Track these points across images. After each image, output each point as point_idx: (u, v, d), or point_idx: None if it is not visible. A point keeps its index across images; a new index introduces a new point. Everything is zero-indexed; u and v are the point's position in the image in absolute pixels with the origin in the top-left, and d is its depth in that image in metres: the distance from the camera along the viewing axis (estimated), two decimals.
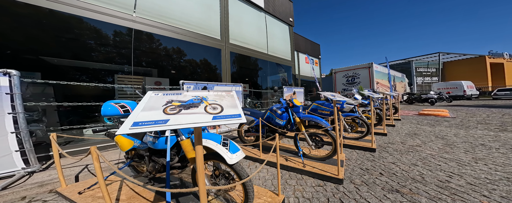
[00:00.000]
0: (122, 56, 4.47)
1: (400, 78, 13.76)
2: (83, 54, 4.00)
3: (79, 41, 3.61)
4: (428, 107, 9.20)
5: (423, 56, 21.97)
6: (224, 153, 0.96)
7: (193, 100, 0.71)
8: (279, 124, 2.26)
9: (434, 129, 3.91)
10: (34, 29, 3.05)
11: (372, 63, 9.81)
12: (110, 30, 3.80)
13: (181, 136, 1.08)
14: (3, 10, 2.61)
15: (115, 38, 3.95)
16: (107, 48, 4.18)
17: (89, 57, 4.14)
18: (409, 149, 2.56)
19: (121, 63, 4.60)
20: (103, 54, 4.29)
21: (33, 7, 2.50)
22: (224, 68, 5.50)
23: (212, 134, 1.13)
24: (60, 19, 3.00)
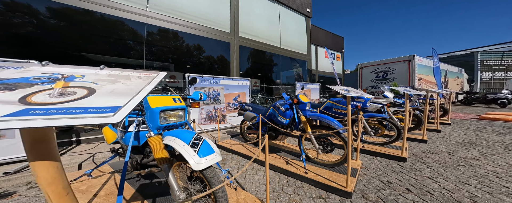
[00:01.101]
0: (135, 51, 4.78)
1: (455, 73, 11.04)
2: (99, 49, 4.47)
3: (96, 36, 4.02)
4: (496, 110, 7.04)
5: (494, 46, 17.00)
6: (190, 157, 0.78)
7: (28, 79, 0.43)
8: (282, 122, 2.07)
9: (503, 138, 2.92)
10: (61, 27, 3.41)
11: (414, 56, 8.17)
12: (124, 26, 3.91)
13: (149, 131, 0.97)
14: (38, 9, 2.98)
15: (129, 33, 4.09)
16: (122, 42, 4.44)
17: (105, 51, 4.59)
18: (459, 162, 1.96)
19: (135, 58, 4.88)
20: (119, 49, 4.71)
21: None
22: (233, 62, 5.54)
23: (184, 131, 0.95)
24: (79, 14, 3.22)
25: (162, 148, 0.95)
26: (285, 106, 2.05)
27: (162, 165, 0.94)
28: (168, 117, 1.00)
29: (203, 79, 3.27)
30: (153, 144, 0.95)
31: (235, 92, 4.05)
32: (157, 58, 5.93)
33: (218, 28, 5.26)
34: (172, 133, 0.93)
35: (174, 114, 1.02)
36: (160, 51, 5.65)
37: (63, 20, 3.31)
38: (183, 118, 1.08)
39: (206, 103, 3.32)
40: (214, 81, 3.51)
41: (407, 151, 2.26)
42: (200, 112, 3.22)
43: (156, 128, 0.99)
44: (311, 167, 1.85)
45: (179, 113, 1.05)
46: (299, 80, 9.34)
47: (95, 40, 3.97)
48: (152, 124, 0.98)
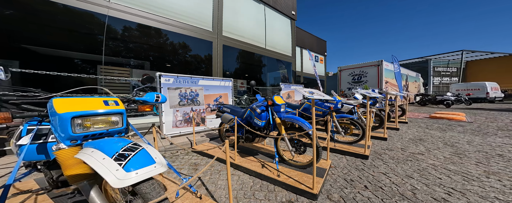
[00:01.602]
0: (108, 47, 4.34)
1: (414, 78, 12.85)
2: (62, 43, 3.94)
3: (59, 29, 3.55)
4: (443, 109, 8.48)
5: (443, 55, 20.37)
6: (108, 172, 0.63)
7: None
8: (258, 125, 2.07)
9: (444, 134, 3.51)
10: (13, 15, 3.00)
11: (382, 61, 9.19)
12: (87, 18, 3.53)
13: (58, 143, 0.79)
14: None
15: (91, 26, 3.73)
16: (88, 37, 4.03)
17: (68, 46, 4.07)
18: (408, 157, 2.27)
19: (107, 54, 4.41)
20: (85, 43, 4.19)
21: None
22: (216, 62, 5.36)
23: (112, 140, 0.80)
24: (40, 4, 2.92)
25: (77, 162, 0.78)
26: (261, 108, 2.06)
27: (77, 183, 0.78)
28: (90, 124, 0.81)
29: (179, 79, 3.06)
30: (62, 159, 0.77)
31: (216, 93, 3.91)
32: (134, 55, 5.35)
33: (200, 26, 5.01)
34: (94, 144, 0.77)
35: (102, 120, 0.85)
36: (136, 48, 5.11)
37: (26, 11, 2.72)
38: (120, 124, 0.91)
39: (182, 104, 3.12)
40: (192, 82, 3.32)
41: (369, 149, 2.52)
42: (175, 114, 3.01)
43: (69, 138, 0.78)
44: (285, 169, 1.90)
45: (111, 119, 0.87)
46: (284, 82, 9.61)
47: (50, 32, 3.38)
48: (63, 133, 0.77)
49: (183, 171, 1.99)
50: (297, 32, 12.49)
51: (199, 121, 3.57)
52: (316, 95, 1.50)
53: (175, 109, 3.00)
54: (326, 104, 2.95)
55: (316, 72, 8.34)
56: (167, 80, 2.85)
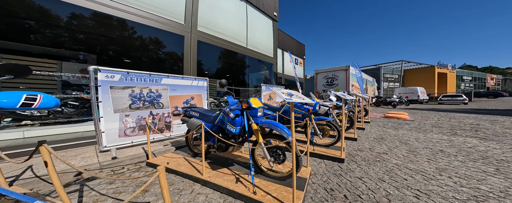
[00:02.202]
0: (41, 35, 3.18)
1: (371, 82, 15.19)
2: None
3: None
4: (391, 110, 10.29)
5: (390, 63, 25.09)
6: None
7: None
8: (231, 132, 1.73)
9: (397, 132, 4.07)
10: None
11: (349, 66, 10.34)
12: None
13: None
14: None
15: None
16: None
17: None
18: (376, 158, 2.41)
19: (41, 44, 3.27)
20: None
21: None
22: (188, 59, 4.66)
23: None
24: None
25: None
26: (235, 112, 1.73)
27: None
28: None
29: (130, 77, 2.35)
30: None
31: (187, 94, 3.32)
32: (83, 48, 4.01)
33: (169, 17, 4.21)
34: None
35: None
36: (86, 40, 3.85)
37: None
38: None
39: (135, 107, 2.42)
40: (151, 80, 2.65)
41: (344, 151, 2.58)
42: (123, 119, 2.29)
43: None
44: (264, 182, 1.64)
45: None
46: (266, 83, 9.54)
47: None
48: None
49: (123, 196, 1.44)
50: (279, 34, 12.72)
51: (163, 127, 2.93)
52: (295, 97, 1.29)
53: (123, 113, 2.29)
54: (305, 106, 2.88)
55: (297, 74, 8.63)
56: (110, 77, 2.11)
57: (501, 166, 2.05)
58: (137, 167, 1.99)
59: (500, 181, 1.71)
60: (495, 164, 2.11)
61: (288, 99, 1.16)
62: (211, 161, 2.14)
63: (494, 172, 1.90)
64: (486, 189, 1.56)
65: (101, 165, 1.84)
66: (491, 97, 22.97)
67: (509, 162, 2.16)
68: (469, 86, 32.11)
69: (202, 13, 5.10)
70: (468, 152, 2.56)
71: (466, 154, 2.48)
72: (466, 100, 13.86)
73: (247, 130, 1.69)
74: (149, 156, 2.03)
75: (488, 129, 4.19)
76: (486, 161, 2.21)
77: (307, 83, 18.23)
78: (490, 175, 1.84)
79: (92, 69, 1.90)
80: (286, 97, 1.17)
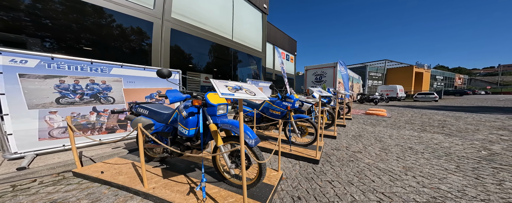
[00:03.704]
0: None
1: (357, 80, 15.99)
2: None
3: None
4: (373, 106, 11.02)
5: (375, 62, 26.78)
6: None
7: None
8: (183, 134, 1.47)
9: (374, 129, 4.27)
10: None
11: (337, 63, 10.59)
12: None
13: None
14: None
15: None
16: None
17: None
18: (350, 158, 2.41)
19: None
20: None
21: None
22: (157, 49, 4.10)
23: None
24: None
25: None
26: (188, 110, 1.46)
27: None
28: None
29: (57, 63, 1.85)
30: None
31: (151, 87, 2.89)
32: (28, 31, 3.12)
33: (135, 0, 3.54)
34: None
35: None
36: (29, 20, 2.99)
37: None
38: None
39: (66, 102, 1.96)
40: (95, 69, 2.17)
41: (321, 151, 2.53)
42: (46, 117, 1.83)
43: None
44: (224, 192, 1.45)
45: None
46: (256, 78, 9.23)
47: None
48: None
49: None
50: (270, 29, 12.30)
51: (115, 126, 2.51)
52: (241, 93, 1.04)
53: (45, 109, 1.83)
54: (284, 103, 2.73)
55: (284, 70, 8.50)
56: (20, 62, 1.61)
57: (461, 163, 2.20)
58: (57, 179, 1.62)
59: (459, 179, 1.80)
60: (456, 161, 2.26)
61: (226, 96, 0.93)
62: (168, 166, 1.87)
63: (454, 169, 2.02)
64: (445, 189, 1.61)
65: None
66: (458, 95, 26.55)
67: (468, 159, 2.34)
68: (441, 85, 36.39)
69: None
70: (433, 149, 2.74)
71: (431, 151, 2.64)
72: (436, 98, 15.61)
73: (202, 131, 1.45)
74: (77, 164, 1.66)
75: (452, 125, 4.65)
76: (449, 158, 2.37)
77: (297, 80, 18.47)
78: (451, 172, 1.94)
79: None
80: (223, 92, 0.94)
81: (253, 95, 1.08)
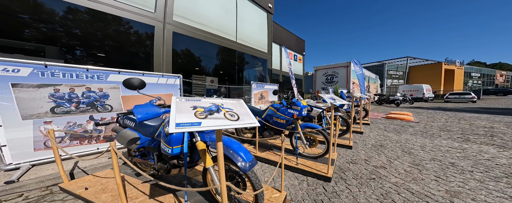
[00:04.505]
0: None
1: (373, 79, 14.81)
2: None
3: None
4: (394, 109, 9.95)
5: (394, 60, 24.71)
6: None
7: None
8: (167, 152, 1.29)
9: (400, 137, 3.68)
10: None
11: (350, 62, 9.90)
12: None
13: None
14: None
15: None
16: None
17: None
18: (371, 174, 2.01)
19: None
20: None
21: None
22: (159, 53, 4.16)
23: None
24: None
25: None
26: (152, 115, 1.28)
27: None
28: None
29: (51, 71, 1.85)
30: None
31: (152, 93, 2.86)
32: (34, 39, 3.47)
33: (136, 4, 3.68)
34: None
35: None
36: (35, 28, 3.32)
37: None
38: None
39: (61, 111, 1.95)
40: (91, 76, 2.17)
41: (334, 166, 2.17)
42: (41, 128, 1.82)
43: None
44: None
45: None
46: (262, 81, 9.06)
47: None
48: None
49: None
50: (276, 29, 12.16)
51: (113, 135, 2.47)
52: (214, 120, 0.75)
53: (40, 119, 1.82)
54: (289, 111, 2.43)
55: (292, 72, 8.18)
56: (13, 71, 1.63)
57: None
58: (44, 193, 1.55)
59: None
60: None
61: (184, 128, 0.69)
62: (158, 182, 1.70)
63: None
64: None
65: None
66: (501, 95, 22.82)
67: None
68: (477, 84, 32.01)
69: (178, 0, 4.55)
70: (486, 167, 2.17)
71: (484, 170, 2.08)
72: (474, 98, 13.59)
73: (185, 151, 1.25)
74: (63, 178, 1.58)
75: (505, 134, 3.80)
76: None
77: (306, 81, 17.81)
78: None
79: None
80: (179, 123, 0.69)
81: (234, 121, 0.80)
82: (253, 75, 9.49)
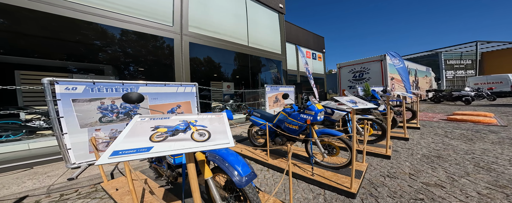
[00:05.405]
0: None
1: (424, 72, 12.07)
2: None
3: None
4: (462, 107, 7.59)
5: (455, 47, 19.59)
6: None
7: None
8: (170, 162, 1.37)
9: (472, 146, 2.71)
10: None
11: (386, 55, 8.50)
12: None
13: None
14: None
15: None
16: None
17: None
18: (418, 194, 1.52)
19: None
20: None
21: None
22: (179, 63, 4.75)
23: None
24: None
25: None
26: None
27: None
28: None
29: (98, 87, 2.39)
30: None
31: (171, 102, 3.27)
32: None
33: (155, 20, 4.46)
34: None
35: None
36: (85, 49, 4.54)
37: None
38: None
39: (106, 120, 2.46)
40: (125, 89, 2.68)
41: (360, 179, 1.78)
42: (93, 134, 2.33)
43: None
44: None
45: None
46: (278, 83, 8.97)
47: None
48: None
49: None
50: (291, 29, 12.04)
51: None
52: (173, 143, 0.80)
53: (92, 127, 2.34)
54: (302, 116, 2.20)
55: (309, 71, 7.71)
56: (71, 89, 2.20)
57: None
58: (91, 191, 1.91)
59: None
60: None
61: (115, 158, 0.67)
62: (172, 187, 1.83)
63: None
64: None
65: (49, 190, 1.83)
66: None
67: None
68: None
69: (193, 12, 5.17)
70: None
71: None
72: None
73: (184, 161, 1.29)
74: (103, 178, 1.92)
75: None
76: None
77: (329, 80, 16.30)
78: None
79: (46, 81, 1.99)
80: (115, 151, 0.64)
81: (200, 142, 0.69)
82: (270, 78, 9.47)
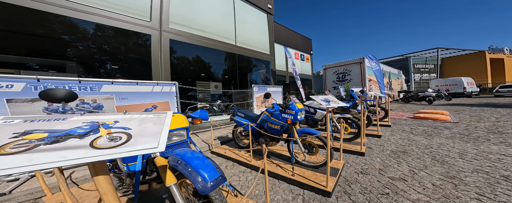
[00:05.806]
0: None
1: (396, 75, 13.39)
2: None
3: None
4: (426, 107, 8.63)
5: (421, 52, 22.24)
6: None
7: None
8: (123, 169, 1.19)
9: (431, 141, 3.05)
10: None
11: (364, 58, 9.17)
12: None
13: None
14: None
15: None
16: None
17: None
18: (385, 188, 1.62)
19: None
20: None
21: None
22: (157, 61, 4.39)
23: None
24: None
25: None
26: None
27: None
28: None
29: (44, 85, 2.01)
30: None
31: (145, 102, 2.96)
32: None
33: (130, 14, 4.04)
34: None
35: None
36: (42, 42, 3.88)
37: None
38: None
39: None
40: (83, 88, 2.33)
41: (336, 177, 1.83)
42: None
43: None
44: None
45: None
46: (267, 83, 8.97)
47: None
48: None
49: None
50: (280, 30, 12.16)
51: None
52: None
53: None
54: (283, 115, 2.20)
55: (296, 72, 7.89)
56: (6, 87, 1.81)
57: None
58: None
59: None
60: None
61: None
62: (132, 196, 1.63)
63: None
64: None
65: None
66: None
67: None
68: None
69: (174, 8, 4.84)
70: None
71: None
72: None
73: (139, 169, 1.13)
74: (46, 192, 1.62)
75: None
76: None
77: (316, 81, 17.06)
78: None
79: None
80: None
81: (106, 149, 0.48)
82: (259, 78, 9.45)
